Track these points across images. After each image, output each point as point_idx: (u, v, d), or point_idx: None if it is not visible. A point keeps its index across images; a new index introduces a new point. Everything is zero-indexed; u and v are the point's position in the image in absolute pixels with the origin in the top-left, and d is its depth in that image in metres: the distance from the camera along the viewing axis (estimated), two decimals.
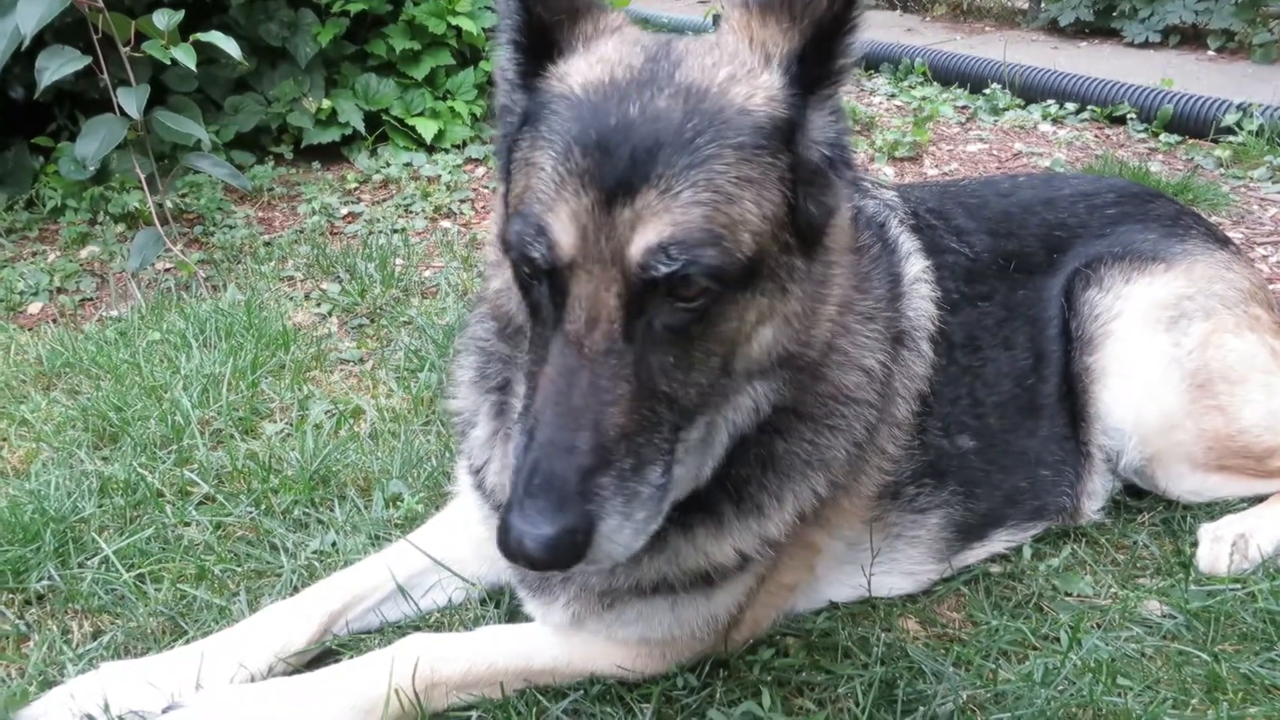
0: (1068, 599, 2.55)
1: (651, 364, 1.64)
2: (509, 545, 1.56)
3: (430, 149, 6.28)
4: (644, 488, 1.64)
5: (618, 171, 1.58)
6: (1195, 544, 2.69)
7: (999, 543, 2.71)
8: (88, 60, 4.19)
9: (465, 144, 6.37)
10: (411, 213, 5.52)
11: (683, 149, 1.59)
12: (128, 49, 4.24)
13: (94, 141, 4.26)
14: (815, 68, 1.73)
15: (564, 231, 1.60)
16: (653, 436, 1.65)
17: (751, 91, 1.69)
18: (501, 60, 1.85)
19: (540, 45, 1.79)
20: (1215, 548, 2.63)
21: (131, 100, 4.19)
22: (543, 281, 1.66)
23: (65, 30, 4.61)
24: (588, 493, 1.58)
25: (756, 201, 1.65)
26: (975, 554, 2.68)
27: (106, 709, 2.07)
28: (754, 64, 1.73)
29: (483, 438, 2.25)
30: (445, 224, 5.37)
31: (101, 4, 4.08)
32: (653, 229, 1.57)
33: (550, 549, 1.54)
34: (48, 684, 2.22)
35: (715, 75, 1.69)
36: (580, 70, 1.72)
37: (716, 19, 9.10)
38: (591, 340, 1.62)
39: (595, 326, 1.62)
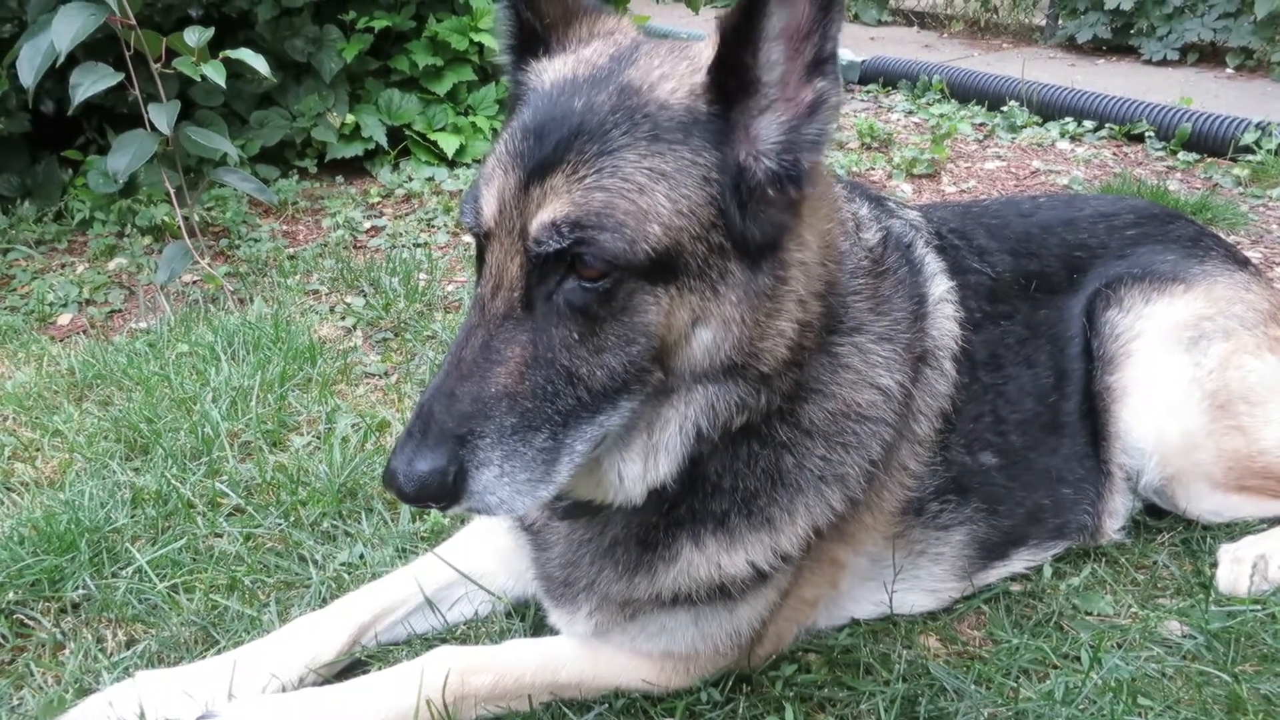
0: (1088, 618, 2.57)
1: (552, 335, 1.74)
2: (386, 478, 1.72)
3: (452, 164, 6.35)
4: (525, 449, 1.74)
5: (541, 155, 1.73)
6: (1215, 564, 2.71)
7: (1021, 561, 2.73)
8: (120, 76, 4.26)
9: (486, 159, 6.41)
10: (434, 227, 5.58)
11: (597, 137, 1.72)
12: (158, 65, 4.32)
13: (125, 156, 4.33)
14: (739, 74, 1.76)
15: (488, 204, 1.78)
16: (544, 405, 1.75)
17: (676, 87, 1.78)
18: (500, 54, 2.05)
19: (529, 44, 1.98)
20: (1235, 568, 2.64)
21: (162, 116, 4.26)
22: (477, 250, 1.86)
23: (96, 46, 4.69)
24: (464, 439, 1.71)
25: (670, 196, 1.72)
26: (997, 572, 2.70)
27: (142, 716, 2.11)
28: (699, 67, 1.81)
29: None
30: (467, 239, 5.42)
31: (134, 21, 4.16)
32: (551, 208, 1.70)
33: (419, 484, 1.69)
34: (84, 691, 2.27)
35: (651, 74, 1.80)
36: (555, 68, 1.89)
37: None
38: (493, 304, 1.77)
39: (498, 292, 1.77)
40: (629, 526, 2.11)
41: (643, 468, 1.93)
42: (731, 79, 1.76)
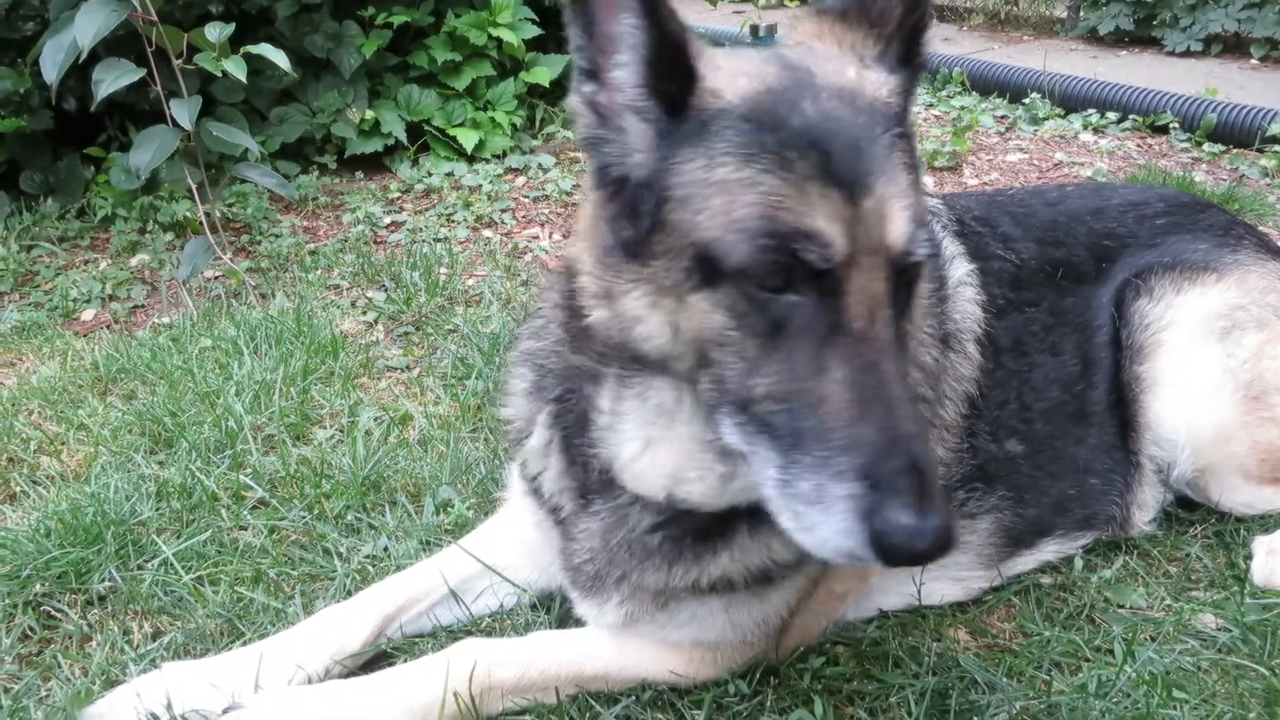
0: (1120, 611, 2.53)
1: (906, 344, 1.76)
2: (897, 547, 1.54)
3: (471, 159, 6.35)
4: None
5: (844, 168, 1.62)
6: (1249, 557, 2.66)
7: (1048, 552, 2.70)
8: (142, 72, 4.28)
9: (505, 154, 6.43)
10: (454, 222, 5.58)
11: (875, 142, 1.67)
12: (180, 61, 4.33)
13: (147, 152, 4.35)
14: (905, 65, 1.85)
15: (832, 229, 1.60)
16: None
17: (878, 87, 1.78)
18: (622, 83, 1.74)
19: (673, 66, 1.71)
20: (1270, 560, 2.60)
21: (184, 111, 4.27)
22: (804, 289, 1.63)
23: (117, 43, 4.70)
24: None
25: (914, 182, 1.75)
26: (1024, 562, 2.67)
27: (169, 708, 2.11)
28: (855, 65, 1.81)
29: (538, 447, 2.27)
30: (487, 233, 5.43)
31: (155, 18, 4.17)
32: (899, 215, 1.64)
33: (942, 539, 1.54)
34: (110, 683, 2.27)
35: (847, 75, 1.76)
36: (727, 86, 1.71)
37: (755, 30, 9.06)
38: (874, 331, 1.64)
39: (875, 318, 1.64)
40: (685, 519, 2.06)
41: None
42: (904, 67, 1.86)
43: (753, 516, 2.00)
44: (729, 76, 1.73)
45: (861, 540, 1.55)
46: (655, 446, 1.92)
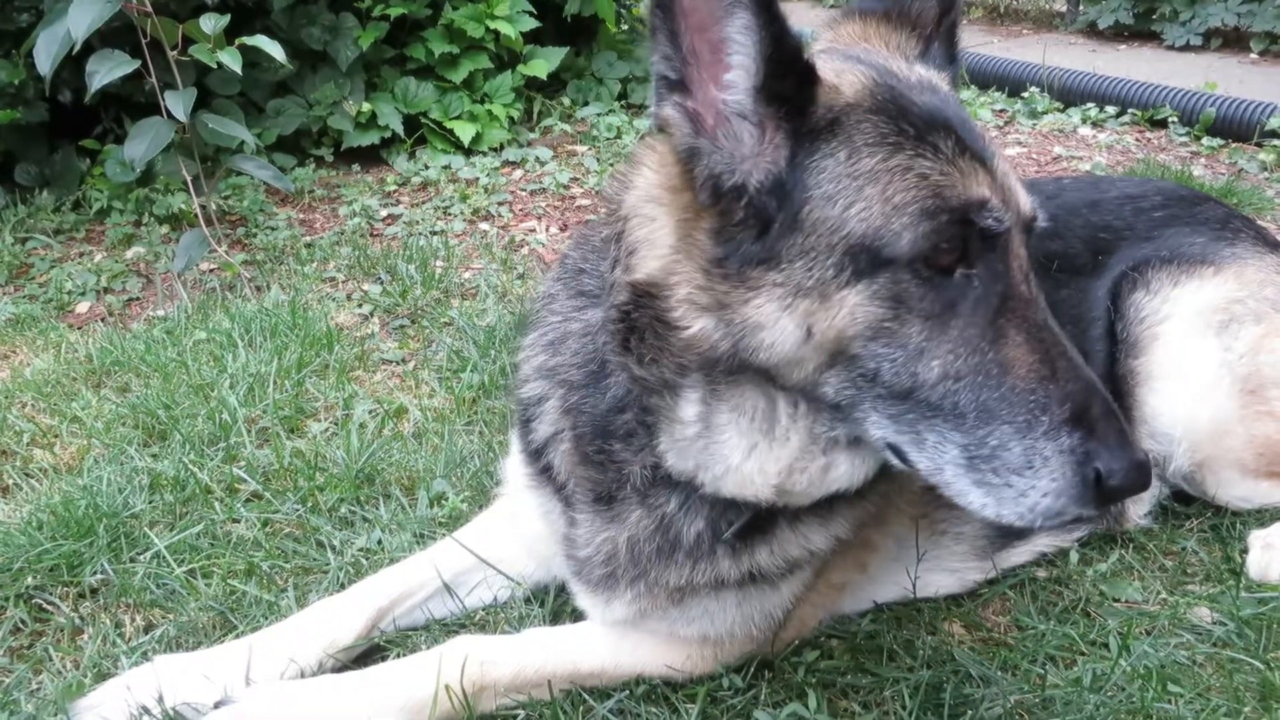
0: (1115, 605, 2.53)
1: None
2: (1120, 487, 1.64)
3: (468, 152, 6.33)
4: None
5: (975, 145, 1.72)
6: (1245, 551, 2.66)
7: (1041, 544, 2.69)
8: (137, 64, 4.26)
9: (503, 147, 6.42)
10: (450, 215, 5.56)
11: (974, 125, 1.77)
12: (174, 53, 4.30)
13: (142, 144, 4.33)
14: (950, 63, 2.02)
15: (995, 197, 1.69)
16: None
17: (941, 81, 1.90)
18: (734, 87, 1.68)
19: (791, 67, 1.67)
20: (1266, 555, 2.59)
21: (179, 103, 4.25)
22: (977, 261, 1.68)
23: (112, 35, 4.68)
24: None
25: None
26: (1018, 554, 2.66)
27: (161, 701, 2.10)
28: (910, 63, 1.92)
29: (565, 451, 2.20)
30: (484, 226, 5.41)
31: (150, 9, 4.15)
32: (1019, 187, 1.77)
33: (1148, 470, 1.67)
34: (102, 676, 2.26)
35: (916, 71, 1.87)
36: (841, 82, 1.74)
37: None
38: (1034, 294, 1.75)
39: (1031, 281, 1.75)
40: (734, 517, 2.03)
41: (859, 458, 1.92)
42: (946, 62, 2.03)
43: (790, 511, 2.00)
44: (835, 73, 1.75)
45: (1077, 493, 1.63)
46: (759, 452, 1.87)
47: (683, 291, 1.78)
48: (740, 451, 1.88)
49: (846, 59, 1.83)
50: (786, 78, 1.67)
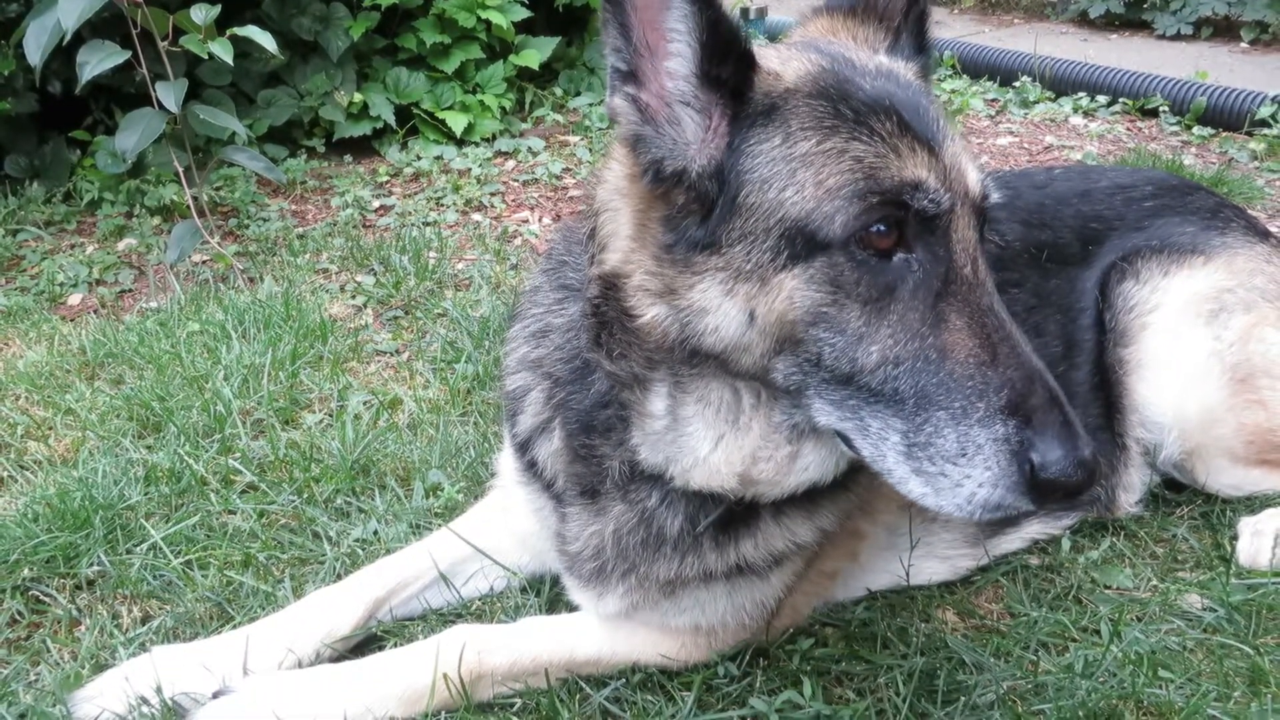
0: (1107, 591, 2.55)
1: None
2: (1055, 481, 1.56)
3: (460, 142, 6.31)
4: None
5: (920, 127, 1.70)
6: (1235, 538, 2.68)
7: (1033, 531, 2.72)
8: (127, 55, 4.24)
9: (495, 137, 6.40)
10: (443, 206, 5.55)
11: (929, 108, 1.76)
12: (165, 44, 4.29)
13: (133, 135, 4.31)
14: (919, 53, 2.01)
15: (932, 178, 1.67)
16: None
17: (906, 70, 1.90)
18: (675, 75, 1.71)
19: (729, 53, 1.71)
20: (1256, 541, 2.62)
21: (170, 94, 4.24)
22: (914, 244, 1.67)
23: (102, 25, 4.65)
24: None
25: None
26: (1010, 542, 2.69)
27: (159, 691, 2.11)
28: (876, 54, 1.93)
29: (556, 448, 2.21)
30: (476, 217, 5.40)
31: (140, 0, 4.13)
32: (970, 165, 1.75)
33: (1092, 468, 1.58)
34: (99, 667, 2.27)
35: (879, 59, 1.87)
36: (783, 69, 1.76)
37: (745, 11, 9.03)
38: (979, 276, 1.71)
39: (976, 263, 1.72)
40: (713, 510, 2.04)
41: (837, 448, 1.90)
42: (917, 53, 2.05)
43: (775, 504, 2.01)
44: (779, 61, 1.77)
45: (1013, 484, 1.58)
46: (725, 442, 1.89)
47: (637, 279, 1.81)
48: (708, 443, 1.90)
49: (804, 49, 1.85)
50: (725, 63, 1.70)
